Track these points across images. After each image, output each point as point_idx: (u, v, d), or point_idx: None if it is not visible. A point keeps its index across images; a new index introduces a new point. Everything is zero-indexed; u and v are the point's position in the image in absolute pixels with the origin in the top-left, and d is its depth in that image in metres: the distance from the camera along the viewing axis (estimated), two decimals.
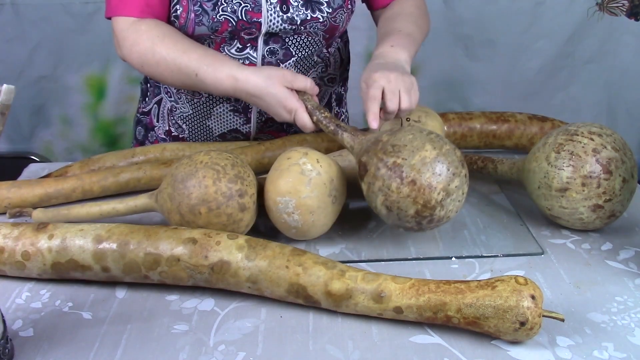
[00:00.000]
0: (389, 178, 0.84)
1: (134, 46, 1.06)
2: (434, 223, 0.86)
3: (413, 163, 0.84)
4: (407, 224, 0.87)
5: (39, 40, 2.02)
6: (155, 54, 1.04)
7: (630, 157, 0.94)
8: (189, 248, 0.81)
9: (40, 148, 2.18)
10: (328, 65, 1.22)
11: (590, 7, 2.08)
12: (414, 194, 0.83)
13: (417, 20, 1.15)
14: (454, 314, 0.74)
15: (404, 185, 0.83)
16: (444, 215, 0.86)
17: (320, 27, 1.12)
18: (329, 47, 1.20)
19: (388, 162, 0.85)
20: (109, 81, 2.10)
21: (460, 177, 0.86)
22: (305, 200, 0.88)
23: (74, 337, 0.76)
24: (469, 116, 1.23)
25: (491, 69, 2.14)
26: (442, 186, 0.84)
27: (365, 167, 0.88)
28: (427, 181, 0.83)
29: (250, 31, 1.09)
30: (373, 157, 0.87)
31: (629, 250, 0.94)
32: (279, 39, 1.12)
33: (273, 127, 1.23)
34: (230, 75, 1.00)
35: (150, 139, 1.30)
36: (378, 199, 0.86)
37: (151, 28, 1.06)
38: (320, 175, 0.89)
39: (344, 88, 1.33)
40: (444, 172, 0.84)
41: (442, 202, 0.84)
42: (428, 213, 0.84)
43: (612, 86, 2.19)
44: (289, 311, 0.81)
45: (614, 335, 0.77)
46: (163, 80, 1.08)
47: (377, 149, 0.87)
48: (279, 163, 0.91)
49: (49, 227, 0.85)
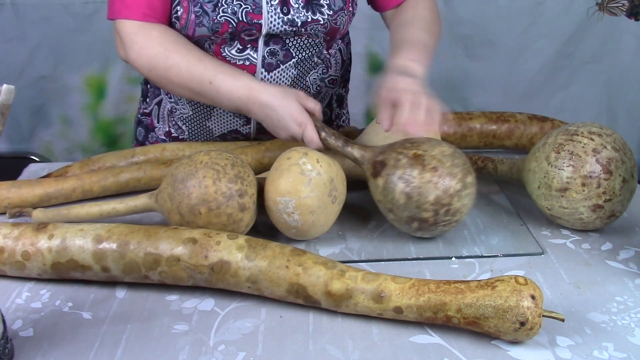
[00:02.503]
0: (410, 166, 0.88)
1: (143, 50, 1.05)
2: (449, 215, 0.88)
3: (434, 154, 0.89)
4: (423, 214, 0.88)
5: (39, 40, 2.02)
6: (167, 59, 1.04)
7: (630, 157, 0.94)
8: (189, 248, 0.81)
9: (40, 148, 2.18)
10: (329, 67, 1.22)
11: (590, 7, 2.08)
12: (436, 180, 0.87)
13: (431, 27, 1.14)
14: (454, 314, 0.74)
15: (426, 171, 0.87)
16: (459, 209, 0.89)
17: (321, 29, 1.12)
18: (330, 49, 1.20)
19: (409, 154, 0.89)
20: (109, 81, 2.10)
21: (472, 176, 0.90)
22: (305, 200, 0.88)
23: (74, 337, 0.76)
24: (468, 116, 1.23)
25: (491, 69, 2.14)
26: (460, 177, 0.88)
27: (383, 163, 0.90)
28: (448, 170, 0.88)
29: (250, 32, 1.09)
30: (392, 153, 0.91)
31: (629, 250, 0.94)
32: (280, 40, 1.12)
33: None
34: (247, 84, 1.01)
35: (150, 139, 1.30)
36: (397, 187, 0.88)
37: (163, 34, 1.06)
38: (320, 175, 0.89)
39: (344, 89, 1.33)
40: (460, 165, 0.89)
41: (460, 193, 0.88)
42: (447, 201, 0.87)
43: (612, 86, 2.19)
44: (289, 311, 0.81)
45: (614, 335, 0.77)
46: (169, 86, 1.08)
47: (395, 147, 0.92)
48: (279, 163, 0.91)
49: (49, 227, 0.85)
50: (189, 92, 1.06)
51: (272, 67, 1.13)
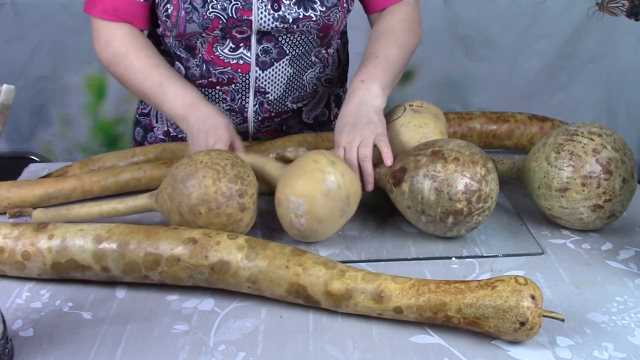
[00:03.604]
0: (432, 162, 0.89)
1: (106, 46, 1.11)
2: (482, 202, 0.89)
3: (451, 147, 0.91)
4: (457, 205, 0.88)
5: (39, 40, 2.02)
6: (126, 59, 1.09)
7: (630, 157, 0.94)
8: (189, 248, 0.81)
9: (40, 148, 2.18)
10: (326, 66, 1.22)
11: (590, 7, 2.08)
12: (460, 168, 0.88)
13: (399, 39, 1.12)
14: (454, 314, 0.74)
15: (448, 162, 0.88)
16: (489, 194, 0.90)
17: (313, 25, 1.11)
18: (328, 48, 1.20)
19: (427, 152, 0.91)
20: (109, 81, 2.10)
21: (491, 161, 0.92)
22: (317, 209, 0.87)
23: (74, 337, 0.76)
24: (468, 116, 1.23)
25: (491, 69, 2.14)
26: (482, 163, 0.90)
27: (403, 169, 0.92)
28: (469, 157, 0.89)
29: (241, 29, 1.09)
30: (409, 157, 0.92)
31: (629, 250, 0.94)
32: (272, 38, 1.12)
33: (271, 127, 1.23)
34: (194, 95, 1.06)
35: (149, 139, 1.30)
36: (425, 186, 0.89)
37: (128, 35, 1.11)
38: (339, 189, 0.89)
39: (342, 89, 1.33)
40: (479, 153, 0.91)
41: (486, 178, 0.89)
42: (476, 187, 0.88)
43: (612, 86, 2.19)
44: (289, 311, 0.81)
45: (614, 335, 0.77)
46: (124, 84, 1.13)
47: (410, 152, 0.93)
48: (305, 162, 0.90)
49: (49, 227, 0.85)
50: (139, 93, 1.12)
51: (266, 65, 1.14)
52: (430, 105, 1.07)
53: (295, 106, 1.22)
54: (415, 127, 1.01)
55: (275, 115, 1.21)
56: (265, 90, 1.16)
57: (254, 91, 1.16)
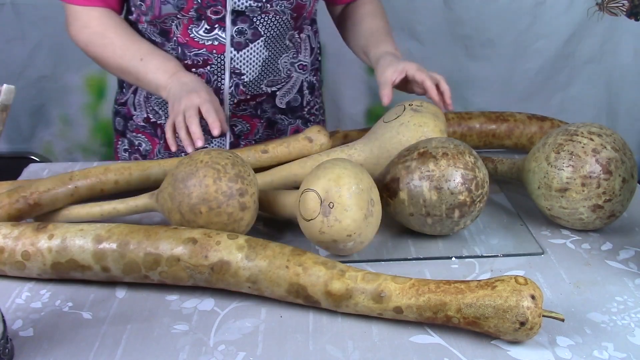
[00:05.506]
0: (423, 164, 0.90)
1: (84, 27, 1.15)
2: (480, 188, 0.90)
3: (434, 145, 0.92)
4: (460, 197, 0.89)
5: (39, 40, 2.02)
6: (104, 38, 1.14)
7: (630, 157, 0.94)
8: (189, 248, 0.81)
9: (40, 148, 2.18)
10: (299, 52, 1.26)
11: (590, 7, 2.08)
12: (452, 162, 0.89)
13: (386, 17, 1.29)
14: (454, 314, 0.74)
15: (439, 159, 0.89)
16: (483, 179, 0.91)
17: (287, 5, 1.14)
18: (301, 33, 1.24)
19: (413, 156, 0.92)
20: (109, 81, 2.09)
21: (473, 150, 0.93)
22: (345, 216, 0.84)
23: (74, 337, 0.76)
24: (468, 116, 1.23)
25: (491, 69, 2.14)
26: (468, 151, 0.92)
27: (395, 178, 0.92)
28: (456, 150, 0.91)
29: (216, 9, 1.11)
30: (396, 166, 0.93)
31: (629, 250, 0.94)
32: (247, 19, 1.13)
33: (246, 110, 1.24)
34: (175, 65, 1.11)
35: (130, 127, 1.31)
36: (424, 187, 0.89)
37: (104, 15, 1.14)
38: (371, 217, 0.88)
39: (316, 78, 1.35)
40: (461, 144, 0.92)
41: (477, 164, 0.91)
42: (472, 175, 0.89)
43: (612, 86, 2.19)
44: (289, 311, 0.81)
45: (614, 335, 0.77)
46: (103, 62, 1.17)
47: (394, 161, 0.94)
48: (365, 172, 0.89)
49: (49, 227, 0.85)
50: (119, 69, 1.15)
51: (241, 46, 1.15)
52: (430, 105, 1.08)
53: (269, 90, 1.24)
54: (415, 126, 1.01)
55: (250, 97, 1.22)
56: (240, 71, 1.18)
57: (230, 72, 1.18)
